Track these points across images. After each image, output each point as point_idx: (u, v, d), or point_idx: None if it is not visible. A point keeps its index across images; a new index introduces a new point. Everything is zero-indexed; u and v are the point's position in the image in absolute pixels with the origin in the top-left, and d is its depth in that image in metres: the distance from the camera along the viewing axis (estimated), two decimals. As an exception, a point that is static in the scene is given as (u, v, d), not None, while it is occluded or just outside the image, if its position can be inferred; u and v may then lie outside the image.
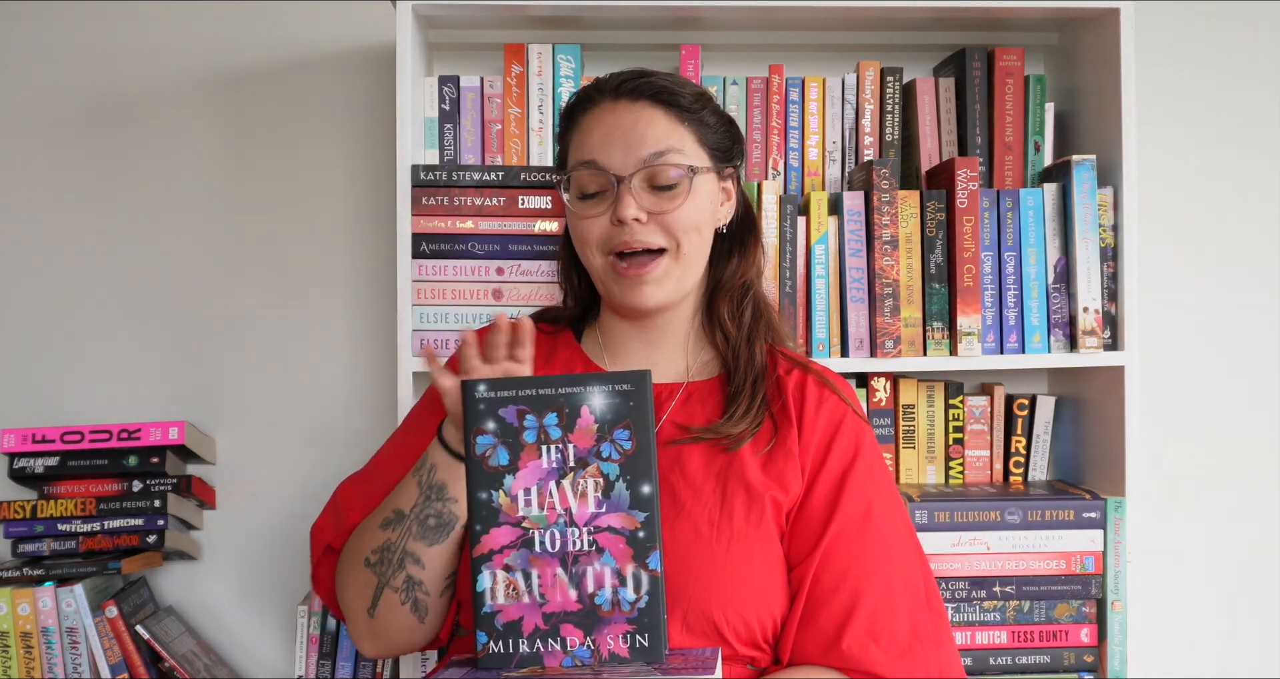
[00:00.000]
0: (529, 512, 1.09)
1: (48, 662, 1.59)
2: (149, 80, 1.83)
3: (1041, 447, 1.74)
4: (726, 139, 1.29)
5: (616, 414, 1.09)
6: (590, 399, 1.09)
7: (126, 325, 1.82)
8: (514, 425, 1.09)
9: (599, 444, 1.09)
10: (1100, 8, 1.63)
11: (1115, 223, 1.64)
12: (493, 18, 1.70)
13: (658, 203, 1.22)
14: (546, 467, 1.09)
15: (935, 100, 1.74)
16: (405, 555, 1.18)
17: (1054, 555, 1.59)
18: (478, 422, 1.09)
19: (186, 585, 1.81)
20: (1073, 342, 1.63)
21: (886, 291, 1.61)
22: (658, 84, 1.25)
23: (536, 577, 1.09)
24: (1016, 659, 1.60)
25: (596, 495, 1.09)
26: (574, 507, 1.09)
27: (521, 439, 1.09)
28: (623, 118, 1.24)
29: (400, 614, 1.20)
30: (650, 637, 1.08)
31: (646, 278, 1.24)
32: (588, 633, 1.08)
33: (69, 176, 1.82)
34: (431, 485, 1.18)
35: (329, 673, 1.64)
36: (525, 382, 1.10)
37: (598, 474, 1.09)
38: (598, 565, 1.09)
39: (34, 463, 1.69)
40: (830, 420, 1.27)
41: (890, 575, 1.21)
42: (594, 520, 1.09)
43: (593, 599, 1.08)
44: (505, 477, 1.09)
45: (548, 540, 1.09)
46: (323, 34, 1.83)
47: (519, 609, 1.09)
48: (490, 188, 1.59)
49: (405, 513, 1.19)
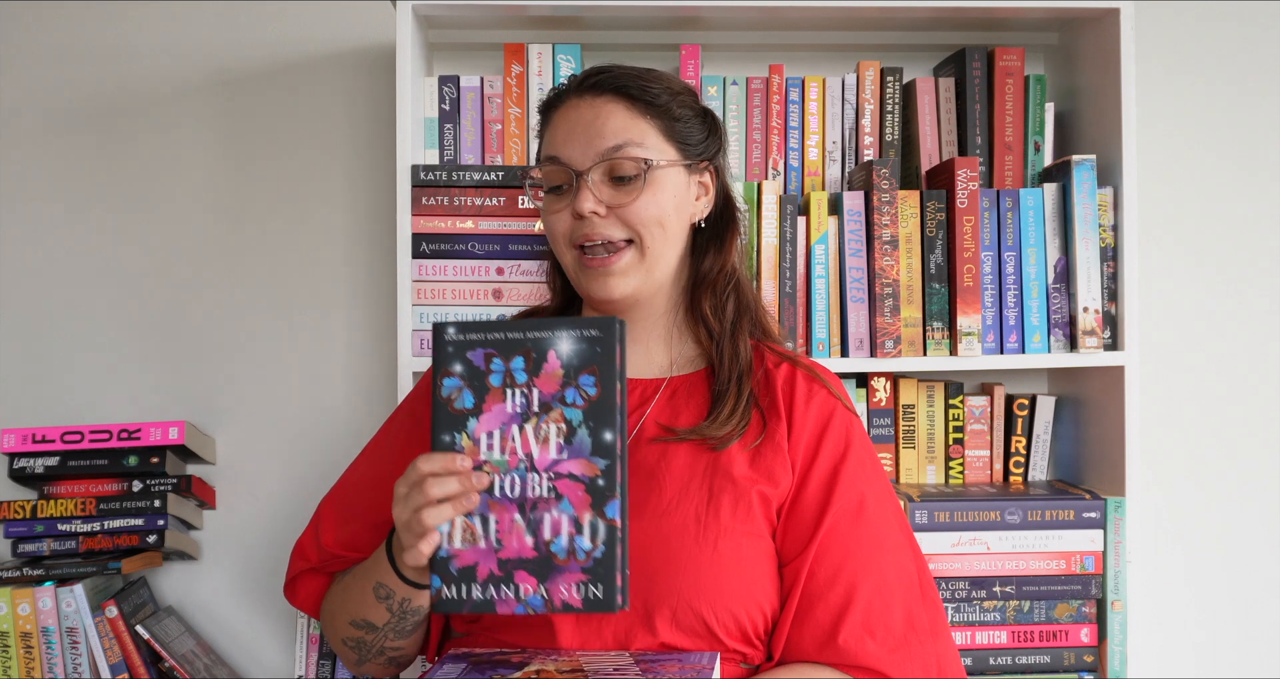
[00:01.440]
0: (490, 456, 1.08)
1: (48, 662, 1.59)
2: (149, 80, 1.83)
3: (1041, 447, 1.74)
4: (700, 132, 1.28)
5: (583, 360, 1.08)
6: (558, 344, 1.08)
7: (126, 325, 1.82)
8: (481, 369, 1.09)
9: (564, 389, 1.08)
10: (1100, 8, 1.63)
11: (1115, 223, 1.64)
12: (493, 18, 1.70)
13: (616, 196, 1.23)
14: (510, 410, 1.08)
15: (935, 100, 1.74)
16: (385, 648, 1.26)
17: (1054, 555, 1.59)
18: (445, 364, 1.09)
19: (186, 585, 1.81)
20: (1073, 342, 1.63)
21: (886, 291, 1.61)
22: (621, 78, 1.25)
23: (494, 522, 1.08)
24: (1016, 659, 1.60)
25: (558, 441, 1.08)
26: (535, 452, 1.08)
27: (487, 382, 1.08)
28: (584, 113, 1.24)
29: (386, 670, 1.31)
30: (604, 588, 1.06)
31: (611, 270, 1.24)
32: (541, 581, 1.07)
33: (69, 176, 1.82)
34: (404, 611, 1.21)
35: (329, 673, 1.64)
36: (494, 325, 1.09)
37: (561, 419, 1.08)
38: (555, 513, 1.07)
39: (34, 463, 1.69)
40: (820, 414, 1.27)
41: (884, 568, 1.21)
42: (554, 466, 1.08)
43: (549, 547, 1.07)
44: (469, 419, 1.09)
45: (507, 485, 1.08)
46: (323, 34, 1.83)
47: (474, 555, 1.08)
48: (490, 188, 1.59)
49: (378, 626, 1.23)
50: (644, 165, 1.22)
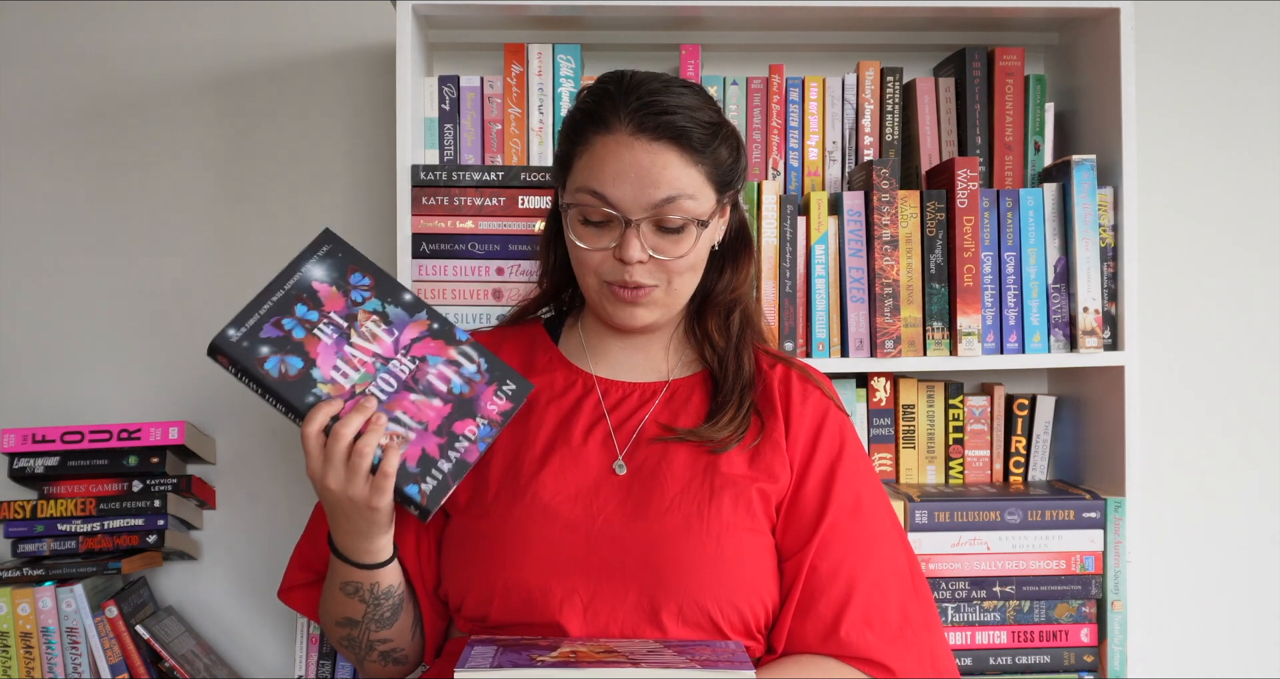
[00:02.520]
0: (351, 379, 1.16)
1: (48, 662, 1.59)
2: (149, 80, 1.83)
3: (1041, 447, 1.74)
4: (733, 169, 1.25)
5: (338, 269, 1.19)
6: (311, 274, 1.18)
7: (126, 325, 1.82)
8: (279, 335, 1.16)
9: (348, 296, 1.18)
10: (1100, 8, 1.63)
11: (1115, 223, 1.64)
12: (493, 18, 1.70)
13: (662, 246, 1.21)
14: (331, 342, 1.17)
15: (935, 100, 1.74)
16: (373, 642, 1.27)
17: (1054, 555, 1.59)
18: (251, 359, 1.15)
19: (186, 585, 1.81)
20: (1073, 342, 1.63)
21: (886, 291, 1.61)
22: (679, 124, 1.19)
23: (403, 414, 1.16)
24: (1016, 659, 1.60)
25: (383, 328, 1.18)
26: (377, 349, 1.17)
27: (293, 338, 1.16)
28: (639, 157, 1.19)
29: (388, 669, 1.30)
30: (510, 378, 1.19)
31: (639, 303, 1.24)
32: (473, 416, 1.17)
33: (69, 176, 1.82)
34: (377, 596, 1.22)
35: (329, 673, 1.64)
36: (256, 303, 1.16)
37: (369, 316, 1.18)
38: (432, 370, 1.18)
39: (34, 463, 1.68)
40: (815, 414, 1.29)
41: (881, 564, 1.24)
42: (399, 345, 1.18)
43: (452, 392, 1.17)
44: (309, 372, 1.15)
45: (384, 385, 1.16)
46: (323, 34, 1.83)
47: (415, 446, 1.15)
48: (490, 188, 1.59)
49: (358, 620, 1.24)
50: (699, 225, 1.22)
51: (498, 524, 1.22)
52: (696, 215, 1.21)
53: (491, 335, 1.37)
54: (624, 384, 1.30)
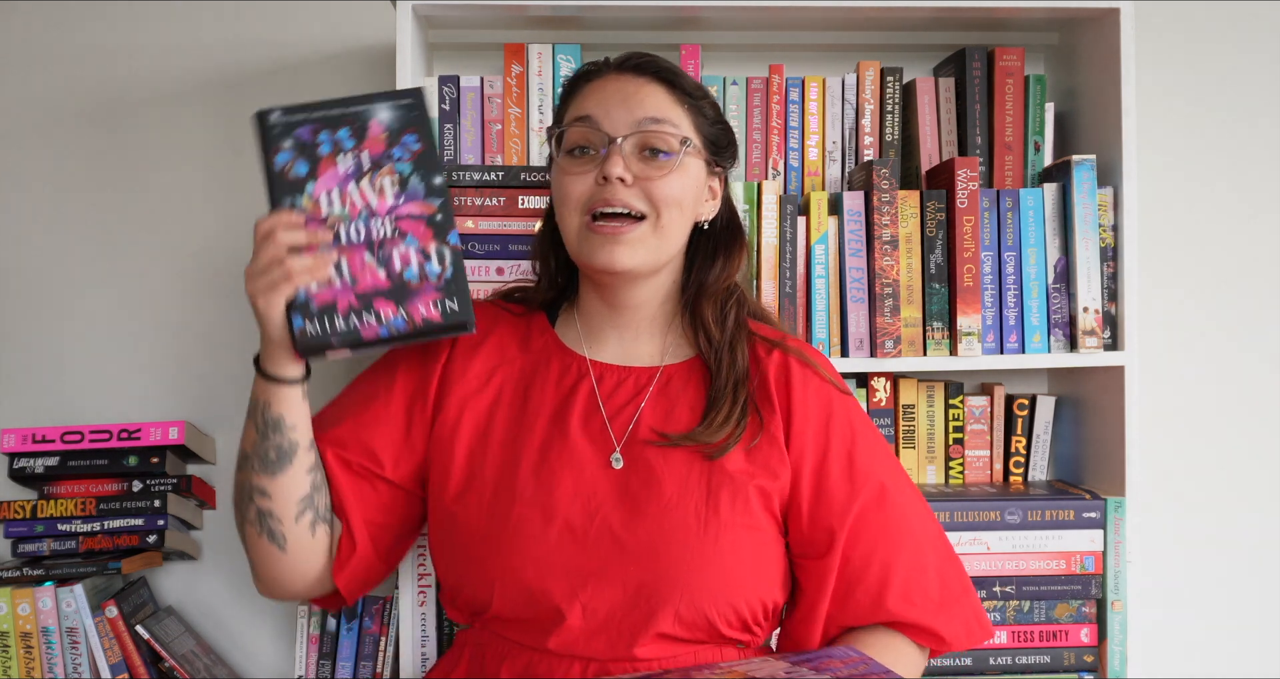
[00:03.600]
0: (332, 210, 1.17)
1: (48, 662, 1.59)
2: (149, 80, 1.83)
3: (1041, 447, 1.74)
4: (722, 137, 1.31)
5: (403, 122, 1.19)
6: (377, 113, 1.19)
7: (127, 325, 1.82)
8: (309, 141, 1.17)
9: (390, 148, 1.18)
10: (1100, 8, 1.63)
11: (1115, 223, 1.64)
12: (493, 18, 1.70)
13: (645, 169, 1.23)
14: (344, 171, 1.17)
15: (935, 100, 1.74)
16: (252, 490, 1.22)
17: (1054, 555, 1.59)
18: (275, 142, 1.16)
19: (186, 585, 1.81)
20: (1073, 342, 1.64)
21: (886, 291, 1.61)
22: (664, 65, 1.28)
23: (345, 263, 1.16)
24: (1016, 659, 1.60)
25: (394, 189, 1.18)
26: (373, 201, 1.18)
27: (318, 152, 1.17)
28: (625, 85, 1.26)
29: (261, 547, 1.24)
30: (458, 300, 1.17)
31: (621, 239, 1.22)
32: (400, 304, 1.16)
33: (69, 176, 1.83)
34: (267, 422, 1.20)
35: (329, 673, 1.64)
36: (314, 105, 1.18)
37: (392, 172, 1.18)
38: (402, 247, 1.17)
39: (34, 463, 1.69)
40: (821, 403, 1.28)
41: (914, 542, 1.26)
42: (394, 211, 1.18)
43: (401, 276, 1.17)
44: (306, 183, 1.17)
45: (354, 232, 1.17)
46: (323, 34, 1.83)
47: (331, 293, 1.16)
48: (490, 188, 1.59)
49: (248, 453, 1.22)
50: (682, 144, 1.24)
51: (496, 523, 1.21)
52: (681, 136, 1.24)
53: (492, 307, 1.37)
54: (618, 369, 1.30)
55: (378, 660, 1.64)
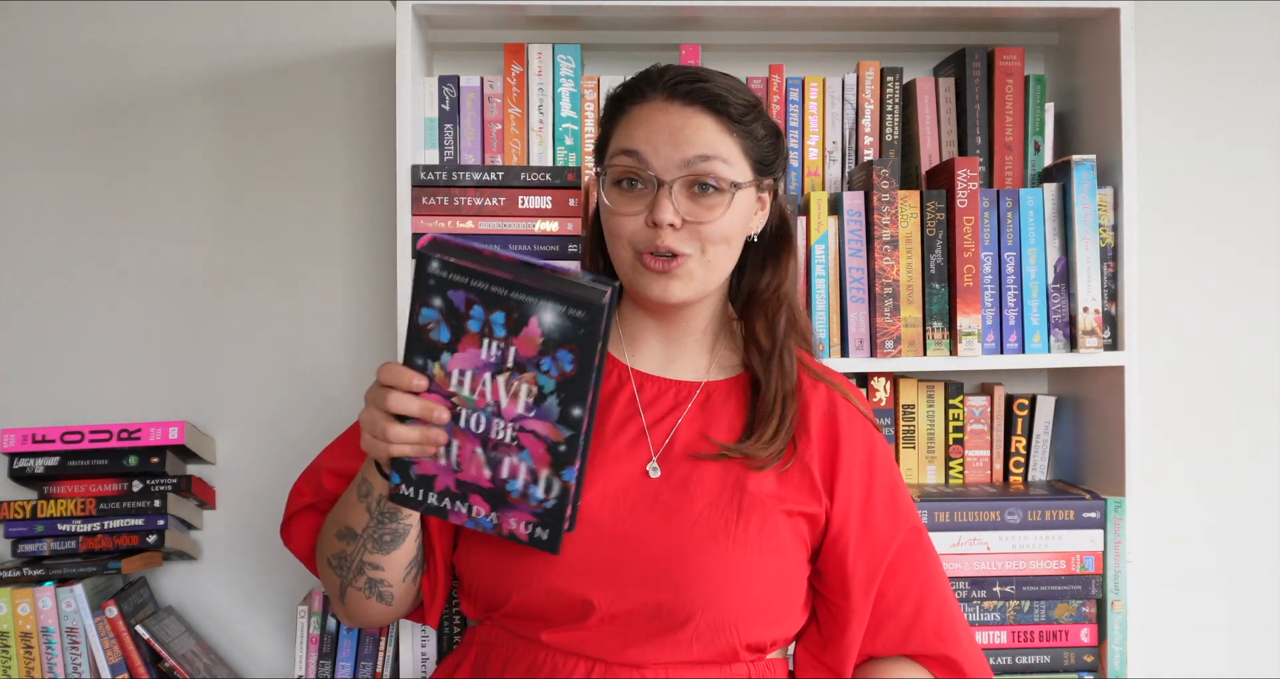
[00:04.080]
0: (460, 391, 1.08)
1: (48, 662, 1.59)
2: (149, 80, 1.83)
3: (1041, 447, 1.74)
4: (771, 152, 1.26)
5: (564, 335, 1.05)
6: (541, 313, 1.04)
7: (126, 325, 1.82)
8: (460, 310, 1.05)
9: (541, 357, 1.06)
10: (1100, 8, 1.63)
11: (1115, 223, 1.64)
12: (493, 18, 1.70)
13: (695, 211, 1.20)
14: (485, 358, 1.07)
15: (935, 100, 1.74)
16: (363, 564, 1.22)
17: (1054, 555, 1.59)
18: (425, 295, 1.05)
19: (186, 585, 1.81)
20: (1073, 342, 1.63)
21: (886, 291, 1.61)
22: (713, 91, 1.21)
23: (456, 447, 1.10)
24: (1016, 659, 1.60)
25: (528, 401, 1.07)
26: (504, 401, 1.08)
27: (465, 326, 1.06)
28: (673, 118, 1.20)
29: (368, 604, 1.25)
30: (550, 533, 1.11)
31: (673, 275, 1.21)
32: (494, 509, 1.11)
33: (69, 176, 1.82)
34: (383, 511, 1.18)
35: (329, 673, 1.64)
36: (480, 272, 1.04)
37: (533, 382, 1.07)
38: (515, 459, 1.09)
39: (34, 463, 1.69)
40: (865, 441, 1.29)
41: (941, 580, 1.30)
42: (520, 420, 1.08)
43: (505, 484, 1.10)
44: (443, 353, 1.07)
45: (473, 421, 1.09)
46: (323, 34, 1.83)
47: (434, 468, 1.11)
48: (490, 188, 1.59)
49: (358, 532, 1.20)
50: (732, 186, 1.21)
51: None
52: (731, 179, 1.21)
53: None
54: (659, 380, 1.29)
55: (378, 660, 1.64)
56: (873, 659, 1.28)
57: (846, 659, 1.25)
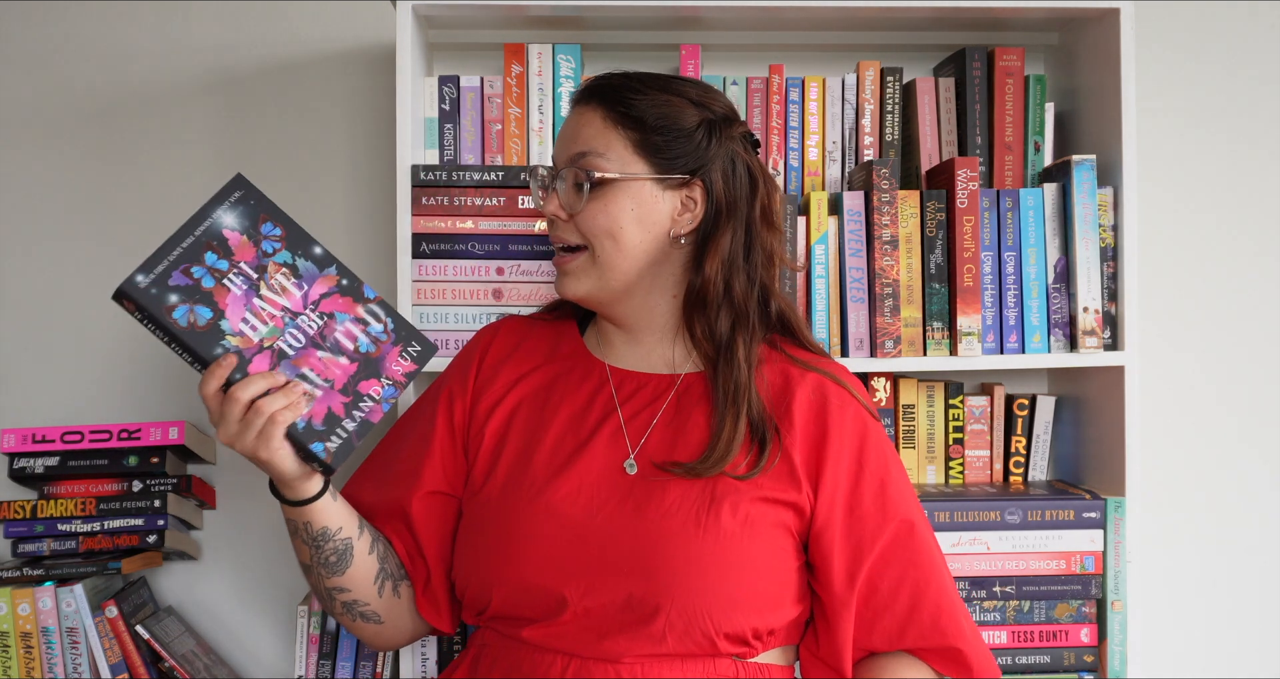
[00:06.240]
0: (260, 332, 1.15)
1: (48, 662, 1.59)
2: (149, 80, 1.83)
3: (1041, 447, 1.74)
4: (687, 145, 1.24)
5: (249, 217, 1.17)
6: (223, 221, 1.16)
7: (127, 325, 1.82)
8: (189, 283, 1.13)
9: (259, 246, 1.16)
10: (1100, 8, 1.63)
11: (1115, 223, 1.64)
12: (493, 18, 1.70)
13: (572, 203, 1.25)
14: (240, 292, 1.15)
15: (935, 100, 1.74)
16: (329, 591, 1.26)
17: (1054, 555, 1.59)
18: (161, 304, 1.12)
19: (186, 585, 1.81)
20: (1073, 342, 1.63)
21: (886, 291, 1.61)
22: (607, 87, 1.26)
23: (309, 371, 1.16)
24: (1016, 659, 1.60)
25: (292, 282, 1.17)
26: (286, 302, 1.16)
27: (203, 287, 1.14)
28: (571, 117, 1.28)
29: (360, 627, 1.30)
30: (417, 340, 1.20)
31: (566, 269, 1.27)
32: (378, 376, 1.18)
33: (69, 176, 1.83)
34: (314, 537, 1.22)
35: (329, 673, 1.64)
36: (163, 249, 1.14)
37: (278, 268, 1.16)
38: (339, 328, 1.17)
39: (34, 463, 1.69)
40: (856, 428, 1.27)
41: (941, 575, 1.27)
42: (307, 299, 1.17)
43: (359, 351, 1.17)
44: (220, 324, 1.13)
45: (292, 340, 1.16)
46: (323, 34, 1.83)
47: (321, 404, 1.15)
48: (490, 188, 1.59)
49: (309, 564, 1.24)
50: (588, 178, 1.23)
51: (502, 522, 1.22)
52: (605, 173, 1.23)
53: (522, 322, 1.39)
54: (637, 375, 1.30)
55: (378, 660, 1.64)
56: (874, 656, 1.27)
57: (842, 654, 1.23)
